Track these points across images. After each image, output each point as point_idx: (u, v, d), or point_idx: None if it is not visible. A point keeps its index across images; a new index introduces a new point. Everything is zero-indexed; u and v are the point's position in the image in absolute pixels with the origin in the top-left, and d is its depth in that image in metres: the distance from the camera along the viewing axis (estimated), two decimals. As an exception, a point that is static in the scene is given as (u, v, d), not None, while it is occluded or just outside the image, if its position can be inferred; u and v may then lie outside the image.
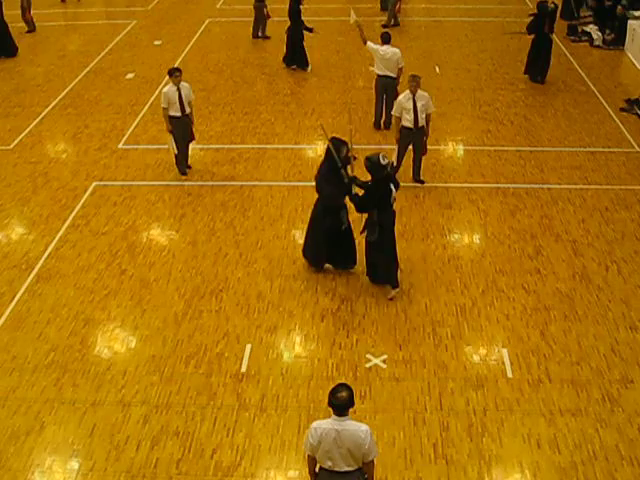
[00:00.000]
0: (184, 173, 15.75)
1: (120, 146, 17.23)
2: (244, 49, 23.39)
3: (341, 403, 7.40)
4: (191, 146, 15.47)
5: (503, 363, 10.81)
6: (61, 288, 12.50)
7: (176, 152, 15.52)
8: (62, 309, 12.00)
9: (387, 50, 16.98)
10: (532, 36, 20.29)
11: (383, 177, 11.51)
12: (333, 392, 7.43)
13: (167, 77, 15.45)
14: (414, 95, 14.54)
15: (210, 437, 9.68)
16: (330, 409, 7.54)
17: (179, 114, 15.10)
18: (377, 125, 17.76)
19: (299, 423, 9.86)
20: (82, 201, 14.96)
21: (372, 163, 11.43)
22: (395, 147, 15.12)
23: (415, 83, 14.56)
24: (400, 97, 14.85)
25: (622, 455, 9.36)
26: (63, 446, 9.57)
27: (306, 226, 12.68)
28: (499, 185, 15.33)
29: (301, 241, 13.48)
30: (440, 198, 14.76)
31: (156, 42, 24.23)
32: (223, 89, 20.20)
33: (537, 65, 20.43)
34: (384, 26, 24.18)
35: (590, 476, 9.09)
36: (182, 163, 15.75)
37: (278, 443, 9.58)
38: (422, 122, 14.76)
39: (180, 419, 9.95)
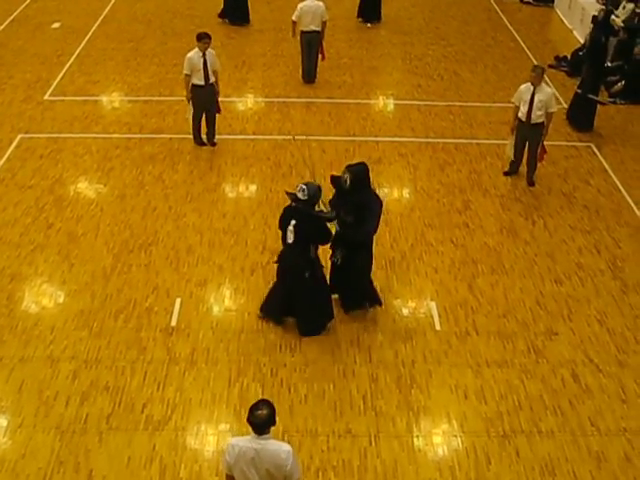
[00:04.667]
0: (201, 143, 14.96)
1: (46, 97, 16.83)
2: (173, -1, 22.97)
3: (260, 421, 6.65)
4: (119, 98, 15.04)
5: (431, 316, 10.97)
6: (-14, 242, 12.26)
7: (191, 122, 14.70)
8: (-13, 264, 11.79)
9: (311, 4, 16.90)
10: None
11: (291, 207, 10.13)
12: (252, 409, 6.68)
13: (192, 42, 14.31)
14: (535, 87, 13.44)
15: (140, 391, 9.65)
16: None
17: (202, 82, 14.26)
18: (305, 79, 17.69)
19: (229, 376, 9.89)
20: (7, 154, 14.61)
21: (298, 187, 10.04)
22: (510, 138, 14.21)
23: (535, 74, 13.46)
24: (522, 86, 13.69)
25: (546, 405, 9.62)
26: (-10, 402, 9.47)
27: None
28: (429, 140, 15.43)
29: (232, 194, 13.43)
30: (370, 152, 14.79)
31: (83, -10, 23.60)
32: (152, 40, 19.85)
33: (373, 7, 21.26)
34: None
35: (515, 425, 9.32)
36: (197, 134, 14.93)
37: (209, 397, 9.61)
38: (538, 119, 13.59)
39: (110, 374, 9.89)
